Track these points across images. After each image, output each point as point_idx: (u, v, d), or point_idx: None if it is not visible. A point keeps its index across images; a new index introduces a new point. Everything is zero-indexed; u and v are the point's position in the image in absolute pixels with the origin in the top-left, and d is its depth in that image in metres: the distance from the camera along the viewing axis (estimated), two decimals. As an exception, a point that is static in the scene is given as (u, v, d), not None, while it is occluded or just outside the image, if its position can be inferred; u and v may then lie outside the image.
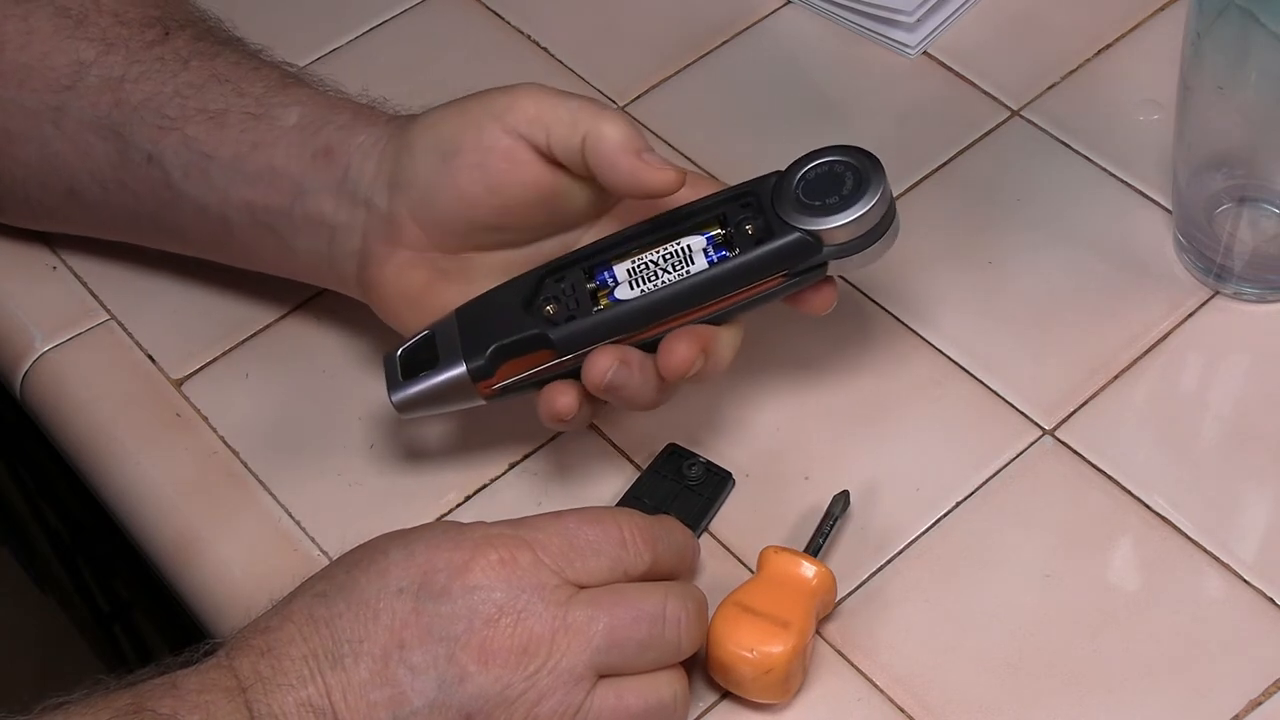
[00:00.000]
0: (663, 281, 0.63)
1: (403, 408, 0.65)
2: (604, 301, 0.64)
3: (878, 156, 0.63)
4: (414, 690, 0.55)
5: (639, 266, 0.64)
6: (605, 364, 0.62)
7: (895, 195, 0.64)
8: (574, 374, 0.64)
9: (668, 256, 0.64)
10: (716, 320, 0.64)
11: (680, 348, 0.62)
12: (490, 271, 0.66)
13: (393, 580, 0.57)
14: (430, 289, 0.66)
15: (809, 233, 0.62)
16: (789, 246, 0.62)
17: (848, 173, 0.63)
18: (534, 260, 0.66)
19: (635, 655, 0.58)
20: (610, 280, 0.64)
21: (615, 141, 0.62)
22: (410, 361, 0.65)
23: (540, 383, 0.64)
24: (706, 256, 0.63)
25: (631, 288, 0.64)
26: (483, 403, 0.65)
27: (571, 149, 0.63)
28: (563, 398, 0.63)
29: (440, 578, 0.57)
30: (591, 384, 0.62)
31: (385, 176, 0.65)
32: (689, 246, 0.64)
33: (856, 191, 0.62)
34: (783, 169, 0.64)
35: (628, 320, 0.63)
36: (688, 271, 0.63)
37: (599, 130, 0.62)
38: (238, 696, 0.55)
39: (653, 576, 0.60)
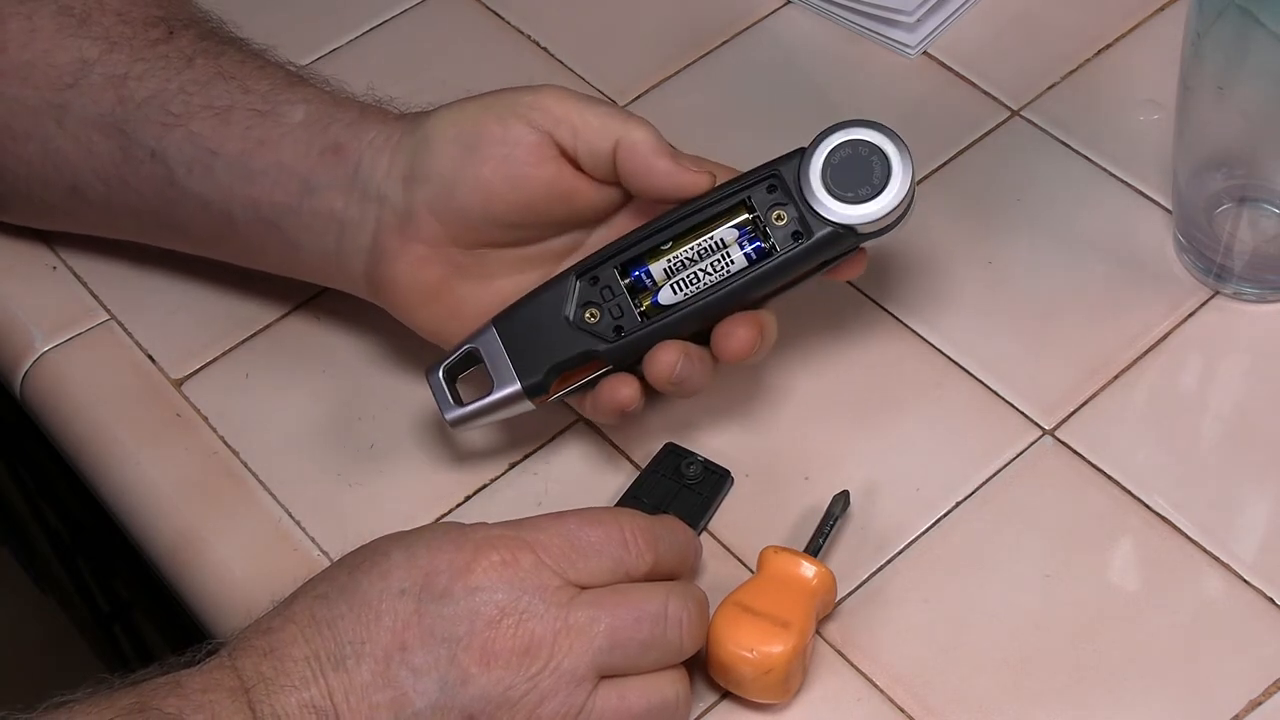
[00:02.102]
0: (705, 283, 0.64)
1: (457, 424, 0.66)
2: (646, 303, 0.64)
3: (898, 133, 0.64)
4: (416, 692, 0.56)
5: (675, 265, 0.64)
6: (671, 359, 0.63)
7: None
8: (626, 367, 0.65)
9: (703, 252, 0.64)
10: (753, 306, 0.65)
11: (741, 332, 0.64)
12: (505, 266, 0.66)
13: (394, 582, 0.57)
14: (445, 285, 0.66)
15: (845, 226, 0.63)
16: (826, 239, 0.63)
17: (874, 157, 0.63)
18: (549, 255, 0.66)
19: (637, 656, 0.58)
20: (648, 280, 0.65)
21: (650, 146, 0.64)
22: (453, 377, 0.66)
23: (592, 383, 0.66)
24: (742, 249, 0.64)
25: (675, 291, 0.64)
26: (533, 409, 0.66)
27: (599, 154, 0.64)
28: (626, 389, 0.64)
29: (442, 579, 0.57)
30: (659, 380, 0.64)
31: (400, 171, 0.65)
32: (722, 240, 0.64)
33: (887, 177, 0.63)
34: (804, 146, 0.64)
35: (678, 326, 0.64)
36: (729, 271, 0.64)
37: (630, 136, 0.64)
38: (240, 697, 0.55)
39: (655, 576, 0.60)
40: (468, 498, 0.69)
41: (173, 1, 0.73)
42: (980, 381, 0.71)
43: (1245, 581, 0.64)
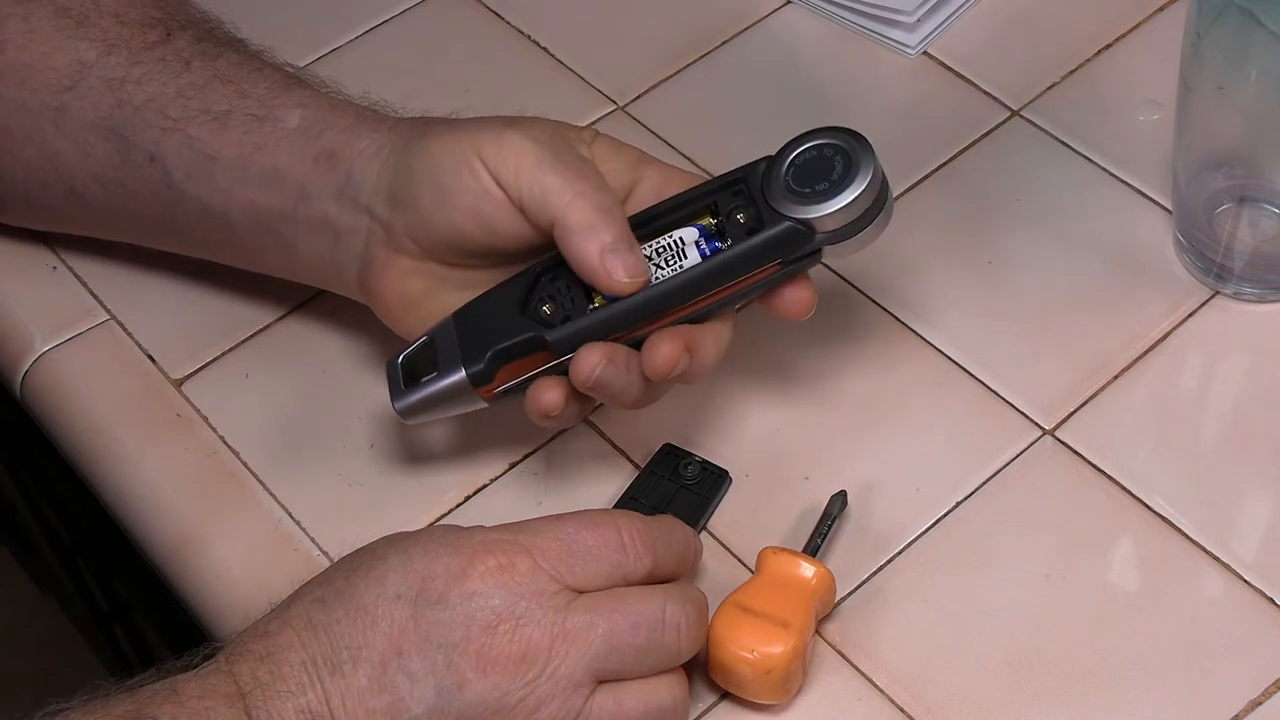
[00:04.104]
0: (656, 277, 0.63)
1: (406, 414, 0.65)
2: (598, 300, 0.64)
3: (867, 138, 0.63)
4: (413, 697, 0.55)
5: None
6: (593, 361, 0.62)
7: (895, 195, 0.64)
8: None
9: (660, 250, 0.63)
10: (710, 312, 0.64)
11: (664, 347, 0.62)
12: (491, 280, 0.66)
13: (391, 586, 0.57)
14: (430, 294, 0.66)
15: (800, 221, 0.62)
16: (780, 236, 0.62)
17: (837, 157, 0.62)
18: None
19: (634, 661, 0.58)
20: None
21: (580, 235, 0.62)
22: (411, 368, 0.66)
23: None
24: (699, 249, 0.63)
25: None
26: (485, 405, 0.65)
27: (540, 222, 0.63)
28: (549, 394, 0.63)
29: (438, 584, 0.57)
30: (579, 381, 0.62)
31: (385, 188, 0.65)
32: (681, 239, 0.63)
33: (846, 177, 0.62)
34: (773, 153, 0.64)
35: (622, 319, 0.63)
36: (681, 266, 0.63)
37: (565, 220, 0.62)
38: (237, 703, 0.55)
39: (654, 578, 0.60)
40: (467, 498, 0.69)
41: (170, 2, 0.73)
42: (980, 381, 0.71)
43: (1245, 581, 0.64)
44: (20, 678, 1.26)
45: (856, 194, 0.61)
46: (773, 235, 0.62)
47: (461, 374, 0.64)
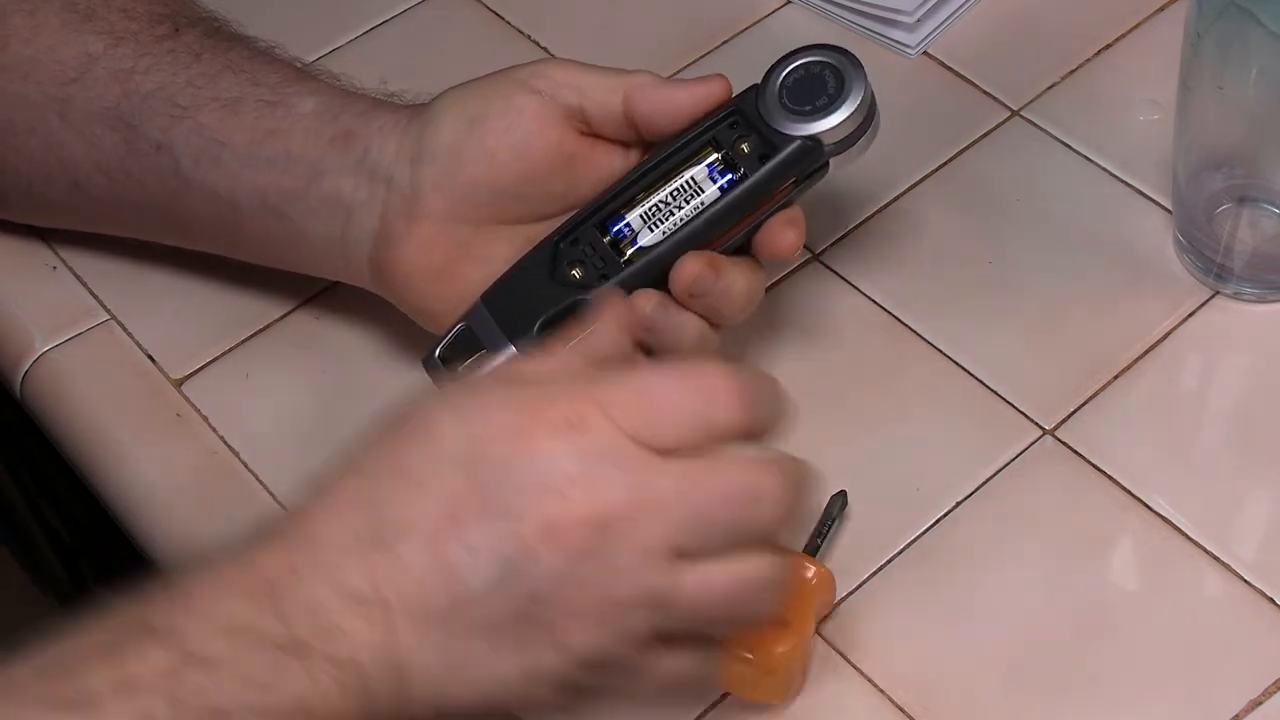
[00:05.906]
0: (680, 219, 0.64)
1: None
2: (628, 252, 0.64)
3: (846, 49, 0.65)
4: (473, 572, 0.49)
5: (651, 210, 0.65)
6: (643, 304, 0.63)
7: (896, 195, 0.64)
8: None
9: (675, 193, 0.65)
10: (737, 245, 0.65)
11: (687, 263, 0.63)
12: (510, 246, 0.66)
13: (443, 449, 0.50)
14: (450, 266, 0.66)
15: (809, 137, 0.63)
16: (794, 155, 0.64)
17: (826, 71, 0.64)
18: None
19: (722, 535, 0.51)
20: (626, 230, 0.65)
21: (658, 81, 0.64)
22: (450, 357, 0.66)
23: None
24: (714, 182, 0.64)
25: (651, 231, 0.64)
26: None
27: (608, 108, 0.64)
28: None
29: (498, 445, 0.50)
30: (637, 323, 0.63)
31: (407, 152, 0.65)
32: (693, 178, 0.64)
33: (841, 87, 0.64)
34: (758, 82, 0.65)
35: (661, 262, 0.64)
36: (701, 203, 0.64)
37: (639, 82, 0.64)
38: (262, 595, 0.48)
39: (746, 436, 0.52)
40: (468, 498, 0.69)
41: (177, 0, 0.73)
42: (980, 381, 0.71)
43: (1245, 581, 0.64)
44: (20, 678, 1.26)
45: (858, 101, 0.64)
46: (787, 155, 0.64)
47: (511, 349, 0.64)
